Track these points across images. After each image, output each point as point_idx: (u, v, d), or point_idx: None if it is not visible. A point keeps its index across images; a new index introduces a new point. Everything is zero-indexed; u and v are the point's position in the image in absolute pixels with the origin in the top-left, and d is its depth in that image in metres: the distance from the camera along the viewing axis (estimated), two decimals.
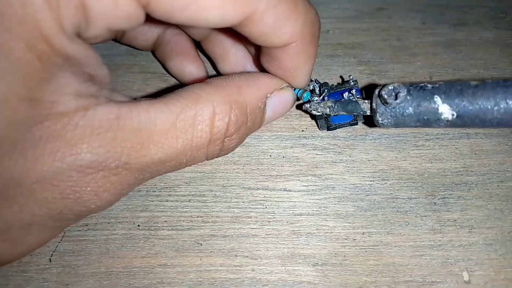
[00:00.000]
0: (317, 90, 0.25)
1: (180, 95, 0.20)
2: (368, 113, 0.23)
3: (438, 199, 0.24)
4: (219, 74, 0.29)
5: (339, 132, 0.27)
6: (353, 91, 0.24)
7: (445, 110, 0.20)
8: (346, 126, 0.26)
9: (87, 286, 0.22)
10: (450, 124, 0.20)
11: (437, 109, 0.20)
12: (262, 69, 0.25)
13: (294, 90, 0.25)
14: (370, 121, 0.23)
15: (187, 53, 0.28)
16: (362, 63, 0.31)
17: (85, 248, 0.23)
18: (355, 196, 0.24)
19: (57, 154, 0.18)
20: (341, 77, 0.30)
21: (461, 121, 0.20)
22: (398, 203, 0.24)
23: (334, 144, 0.26)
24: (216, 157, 0.22)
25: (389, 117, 0.21)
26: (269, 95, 0.23)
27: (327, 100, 0.24)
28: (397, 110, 0.21)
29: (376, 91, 0.22)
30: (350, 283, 0.21)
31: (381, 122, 0.22)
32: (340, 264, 0.22)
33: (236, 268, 0.22)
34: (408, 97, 0.20)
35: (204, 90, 0.21)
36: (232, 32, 0.27)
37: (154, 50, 0.30)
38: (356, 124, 0.26)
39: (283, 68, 0.23)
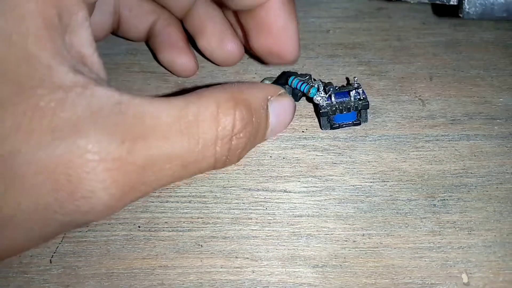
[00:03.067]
0: (321, 89, 0.25)
1: (183, 95, 0.20)
2: (453, 2, 0.22)
3: (438, 201, 0.24)
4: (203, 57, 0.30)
5: (339, 133, 0.27)
6: (360, 90, 0.25)
7: None
8: (349, 126, 0.26)
9: (88, 287, 0.22)
10: None
11: None
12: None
13: (300, 88, 0.25)
14: (441, 10, 0.22)
15: (177, 45, 0.29)
16: (363, 63, 0.31)
17: (85, 249, 0.23)
18: (355, 198, 0.24)
19: (55, 133, 0.15)
20: (346, 78, 0.30)
21: None
22: (398, 204, 0.24)
23: (334, 145, 0.26)
24: (226, 163, 0.21)
25: (477, 5, 0.21)
26: (269, 97, 0.23)
27: None
28: None
29: None
30: (350, 284, 0.22)
31: (467, 11, 0.21)
32: (340, 266, 0.22)
33: (237, 270, 0.22)
34: None
35: (207, 90, 0.20)
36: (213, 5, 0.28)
37: (148, 41, 0.30)
38: (359, 124, 0.26)
39: (271, 31, 0.23)
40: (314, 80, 0.26)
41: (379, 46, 0.32)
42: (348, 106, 0.25)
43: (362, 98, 0.25)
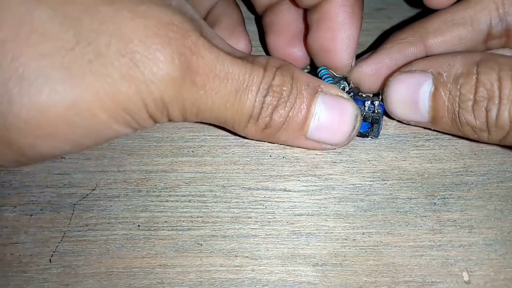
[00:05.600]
0: (346, 88, 0.25)
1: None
2: None
3: (438, 199, 0.24)
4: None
5: None
6: (376, 103, 0.24)
7: None
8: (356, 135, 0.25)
9: (87, 286, 0.22)
10: None
11: None
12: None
13: (322, 78, 0.25)
14: None
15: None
16: None
17: (85, 249, 0.23)
18: (355, 196, 0.24)
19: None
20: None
21: None
22: (398, 203, 0.24)
23: None
24: (260, 117, 0.21)
25: None
26: (322, 86, 0.22)
27: None
28: None
29: None
30: (350, 283, 0.22)
31: None
32: (340, 264, 0.22)
33: (236, 269, 0.22)
34: None
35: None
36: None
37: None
38: (367, 136, 0.25)
39: (329, 26, 0.24)
40: (342, 81, 0.25)
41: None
42: None
43: (376, 111, 0.24)
